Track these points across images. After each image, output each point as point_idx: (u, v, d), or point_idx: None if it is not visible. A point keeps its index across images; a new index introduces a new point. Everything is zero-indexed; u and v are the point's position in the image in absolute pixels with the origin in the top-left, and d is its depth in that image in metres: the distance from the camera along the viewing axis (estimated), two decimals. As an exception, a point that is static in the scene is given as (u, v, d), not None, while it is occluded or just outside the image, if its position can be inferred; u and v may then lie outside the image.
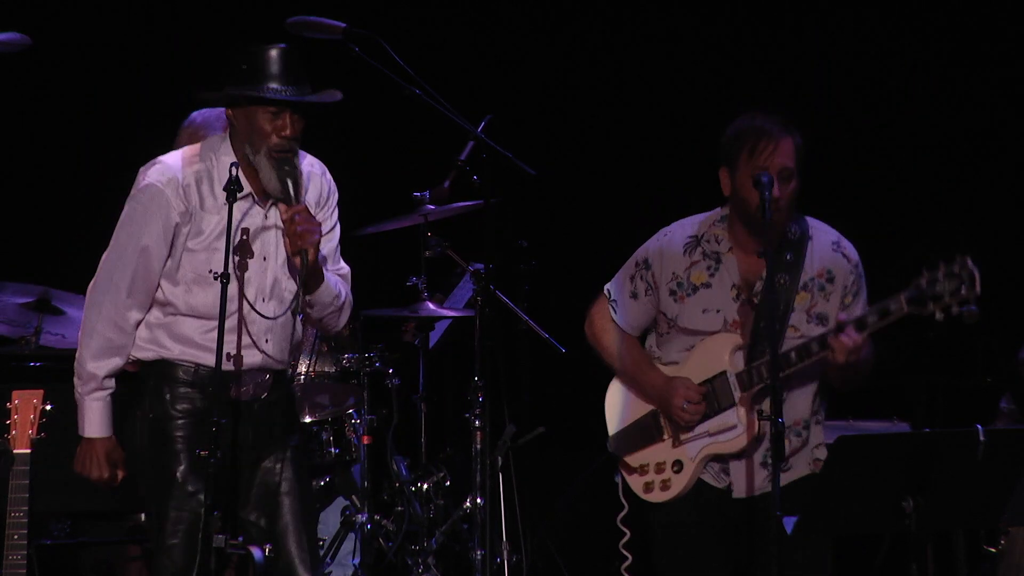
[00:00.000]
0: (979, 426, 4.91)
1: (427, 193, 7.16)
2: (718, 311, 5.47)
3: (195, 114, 6.94)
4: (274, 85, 5.16)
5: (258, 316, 5.24)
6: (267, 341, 5.27)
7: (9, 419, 5.22)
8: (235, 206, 5.12)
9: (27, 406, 5.24)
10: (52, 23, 8.01)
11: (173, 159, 5.27)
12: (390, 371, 7.47)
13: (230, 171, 5.16)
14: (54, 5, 8.17)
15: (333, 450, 7.31)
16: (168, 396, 5.24)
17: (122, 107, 8.30)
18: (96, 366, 5.22)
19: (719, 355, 5.46)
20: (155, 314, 5.27)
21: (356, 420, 7.30)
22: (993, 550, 6.67)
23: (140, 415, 5.26)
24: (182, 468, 5.19)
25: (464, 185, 6.61)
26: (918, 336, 7.04)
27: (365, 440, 7.29)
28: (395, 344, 7.75)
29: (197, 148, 5.31)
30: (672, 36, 8.81)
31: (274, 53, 5.17)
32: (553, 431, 7.41)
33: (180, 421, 5.22)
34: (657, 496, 5.53)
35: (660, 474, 5.53)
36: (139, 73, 8.32)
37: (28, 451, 5.20)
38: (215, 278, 5.12)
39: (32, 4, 7.79)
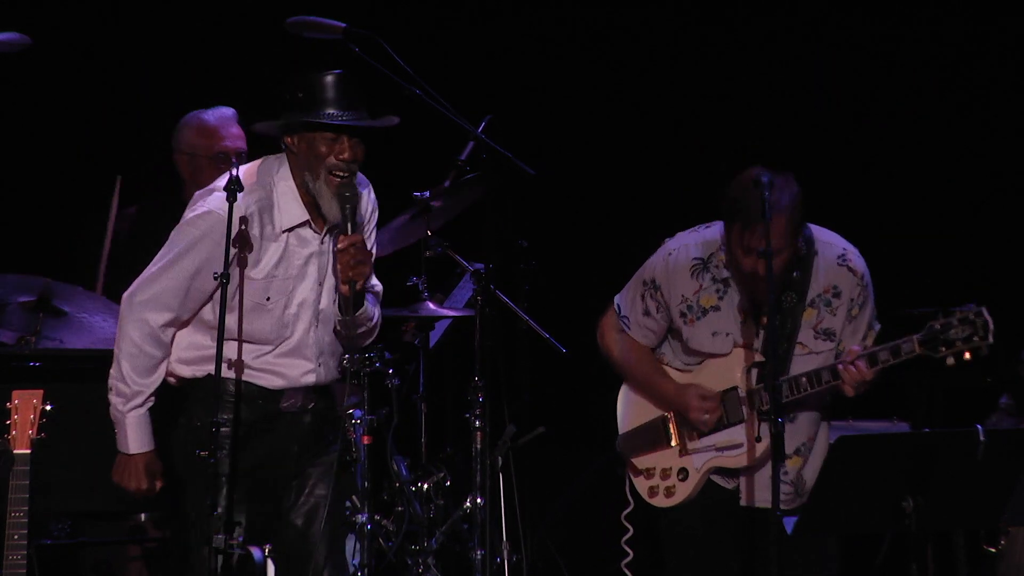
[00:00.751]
0: (979, 426, 4.91)
1: (427, 193, 7.16)
2: (727, 334, 5.50)
3: (193, 115, 6.96)
4: (332, 111, 5.16)
5: (313, 339, 5.29)
6: (320, 364, 5.31)
7: (9, 419, 5.22)
8: (293, 235, 5.20)
9: (27, 406, 5.24)
10: (52, 23, 8.00)
11: (221, 188, 5.24)
12: (390, 371, 7.47)
13: (230, 172, 5.17)
14: (54, 5, 8.16)
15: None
16: (215, 407, 5.26)
17: (122, 107, 8.29)
18: (144, 383, 5.26)
19: (732, 370, 5.48)
20: (207, 334, 5.28)
21: (356, 420, 7.29)
22: (993, 550, 6.67)
23: (184, 423, 5.30)
24: (217, 487, 5.21)
25: (464, 185, 6.62)
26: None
27: (365, 440, 7.28)
28: (395, 344, 7.74)
29: (254, 173, 5.29)
30: (672, 36, 8.80)
31: (330, 79, 5.20)
32: (553, 431, 7.39)
33: (225, 430, 5.25)
34: (661, 502, 5.55)
35: (665, 480, 5.55)
36: (139, 73, 8.31)
37: (28, 451, 5.20)
38: (289, 308, 5.21)
39: (32, 4, 7.78)
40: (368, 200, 5.40)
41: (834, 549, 5.52)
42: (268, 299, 5.24)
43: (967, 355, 5.26)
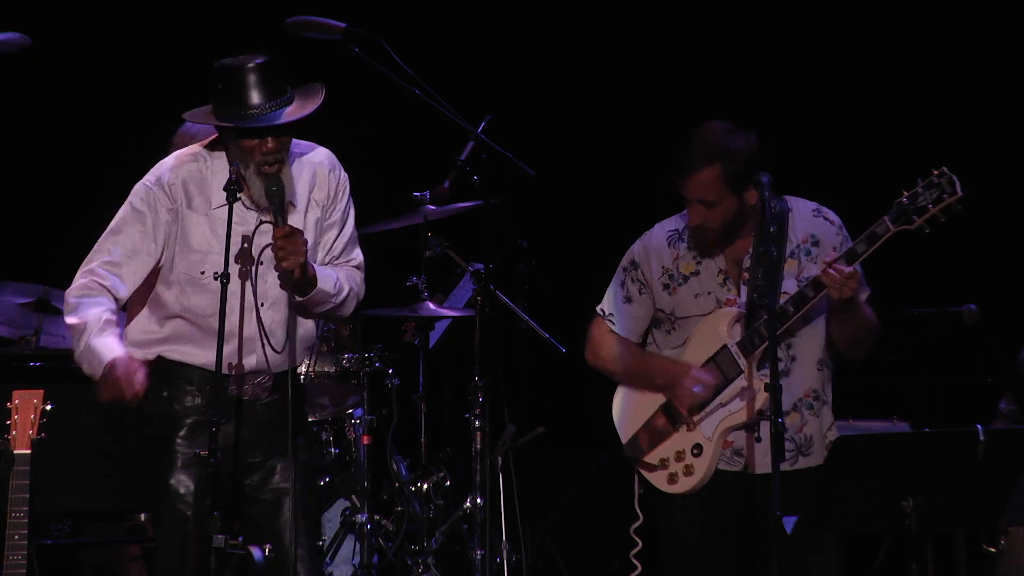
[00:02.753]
0: (979, 426, 4.91)
1: (427, 193, 7.16)
2: (709, 293, 5.53)
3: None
4: (256, 101, 5.16)
5: (256, 319, 5.25)
6: (266, 344, 5.27)
7: (9, 419, 5.22)
8: (227, 212, 5.15)
9: (27, 406, 5.24)
10: (52, 23, 8.00)
11: (168, 160, 5.34)
12: (390, 371, 7.47)
13: (230, 172, 5.18)
14: (54, 5, 8.17)
15: (333, 450, 7.32)
16: (166, 394, 5.26)
17: (122, 107, 8.29)
18: (79, 309, 5.25)
19: (717, 331, 5.50)
20: (153, 317, 5.31)
21: (356, 420, 7.30)
22: (993, 550, 6.67)
23: (138, 412, 5.27)
24: (175, 467, 5.23)
25: (464, 185, 6.61)
26: (919, 336, 7.04)
27: (365, 440, 7.29)
28: (395, 344, 7.75)
29: (195, 148, 5.34)
30: (672, 36, 8.80)
31: (249, 70, 5.18)
32: (553, 431, 7.40)
33: (176, 420, 5.25)
34: (683, 484, 5.53)
35: (680, 462, 5.54)
36: (139, 73, 8.32)
37: (28, 451, 5.19)
38: (214, 278, 5.14)
39: (32, 4, 7.79)
40: (332, 179, 5.39)
41: (837, 553, 5.52)
42: (203, 273, 5.24)
43: (942, 218, 5.25)
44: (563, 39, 8.85)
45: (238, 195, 5.16)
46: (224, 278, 5.10)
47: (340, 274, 5.39)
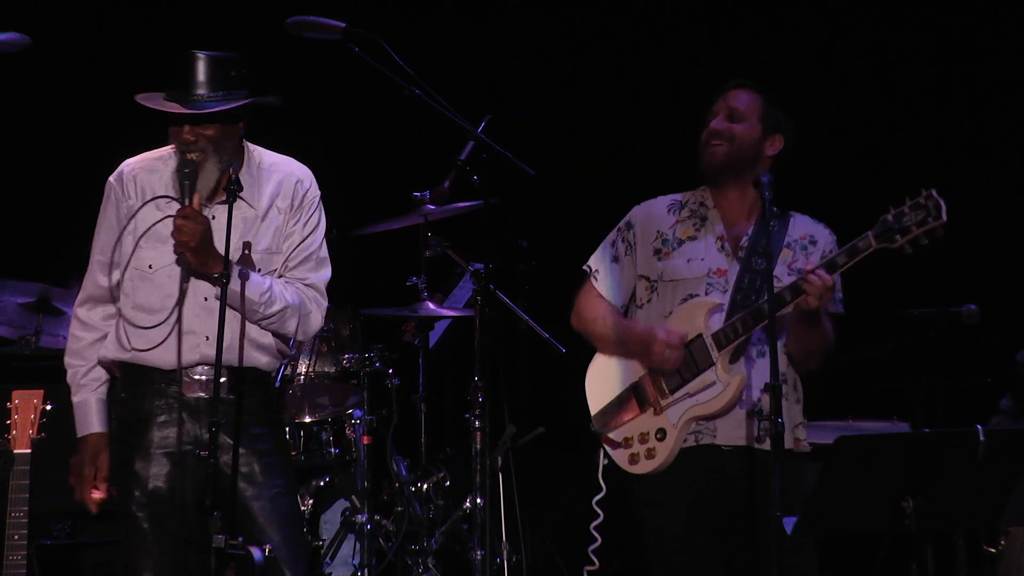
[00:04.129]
0: (979, 426, 4.91)
1: (427, 193, 7.16)
2: (702, 259, 5.54)
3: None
4: (195, 90, 5.21)
5: (189, 313, 5.23)
6: (206, 339, 5.25)
7: (9, 419, 5.22)
8: (171, 204, 5.20)
9: (27, 406, 5.24)
10: (52, 23, 8.00)
11: (138, 156, 5.41)
12: (390, 371, 7.47)
13: (230, 172, 5.18)
14: (54, 5, 8.17)
15: (333, 450, 7.31)
16: (123, 396, 5.29)
17: (122, 106, 8.29)
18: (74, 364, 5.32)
19: (694, 320, 5.50)
20: (113, 309, 5.32)
21: (356, 420, 7.30)
22: (993, 550, 6.67)
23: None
24: (121, 469, 5.24)
25: (464, 185, 6.62)
26: (918, 336, 7.04)
27: (365, 440, 7.29)
28: (395, 344, 7.75)
29: (169, 146, 5.37)
30: (672, 36, 8.81)
31: (196, 58, 5.22)
32: (553, 431, 7.40)
33: (120, 422, 5.28)
34: (643, 466, 5.53)
35: (644, 444, 5.54)
36: (139, 72, 8.31)
37: (28, 451, 5.20)
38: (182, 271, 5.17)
39: (32, 4, 7.79)
40: (299, 189, 5.37)
41: (815, 553, 5.52)
42: (150, 267, 5.24)
43: (924, 240, 5.25)
44: (563, 39, 8.86)
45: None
46: (224, 278, 5.10)
47: (280, 287, 5.30)
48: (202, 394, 5.25)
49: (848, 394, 6.86)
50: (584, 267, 5.76)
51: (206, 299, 5.24)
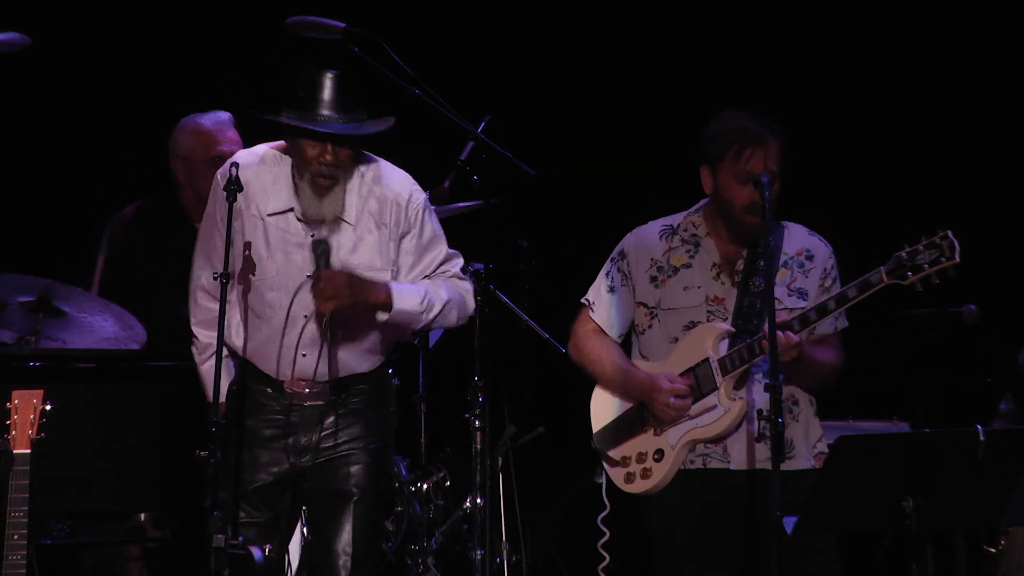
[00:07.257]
0: (979, 426, 4.91)
1: (427, 193, 7.15)
2: (699, 287, 5.53)
3: (189, 119, 6.94)
4: (325, 112, 5.23)
5: (300, 328, 5.32)
6: (306, 353, 5.30)
7: (9, 419, 5.23)
8: (282, 219, 5.28)
9: (27, 406, 5.24)
10: (52, 23, 8.00)
11: (243, 155, 5.45)
12: (390, 371, 7.46)
13: (230, 172, 5.19)
14: (54, 5, 8.16)
15: (333, 450, 7.30)
16: (236, 390, 5.43)
17: (121, 106, 8.30)
18: (209, 335, 5.40)
19: (702, 344, 5.50)
20: (231, 311, 5.39)
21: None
22: (993, 550, 6.67)
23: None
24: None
25: (464, 185, 6.61)
26: (918, 336, 7.04)
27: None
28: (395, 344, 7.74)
29: (272, 152, 5.42)
30: (672, 36, 8.80)
31: (327, 80, 5.24)
32: (553, 431, 7.40)
33: (238, 416, 5.42)
34: (638, 486, 5.54)
35: (641, 463, 5.55)
36: (139, 72, 8.32)
37: (28, 451, 5.20)
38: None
39: (32, 4, 7.79)
40: (404, 206, 5.47)
41: (834, 553, 5.52)
42: (253, 275, 5.29)
43: (936, 280, 5.26)
44: (563, 39, 8.85)
45: (295, 206, 5.21)
46: (224, 278, 5.11)
47: (432, 287, 5.46)
48: (308, 401, 5.43)
49: (848, 394, 6.83)
50: (583, 300, 5.75)
51: (306, 316, 5.34)
